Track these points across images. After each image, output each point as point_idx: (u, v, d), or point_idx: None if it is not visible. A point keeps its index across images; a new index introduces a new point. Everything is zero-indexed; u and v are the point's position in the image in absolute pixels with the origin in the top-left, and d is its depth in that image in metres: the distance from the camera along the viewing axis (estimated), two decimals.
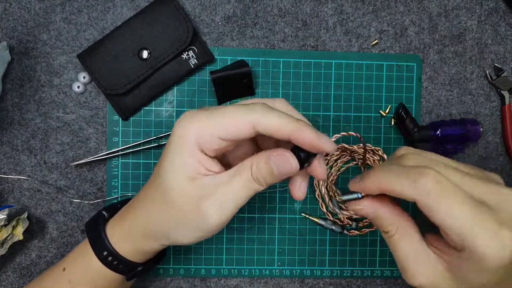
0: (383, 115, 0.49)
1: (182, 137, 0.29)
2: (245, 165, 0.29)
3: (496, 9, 0.50)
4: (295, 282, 0.50)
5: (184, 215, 0.30)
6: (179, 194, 0.30)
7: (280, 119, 0.28)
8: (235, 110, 0.28)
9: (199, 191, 0.29)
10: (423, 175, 0.26)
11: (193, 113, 0.29)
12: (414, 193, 0.26)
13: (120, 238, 0.35)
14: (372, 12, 0.49)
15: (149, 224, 0.33)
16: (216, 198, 0.29)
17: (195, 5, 0.48)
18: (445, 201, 0.25)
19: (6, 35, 0.47)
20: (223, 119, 0.28)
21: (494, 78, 0.50)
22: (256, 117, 0.28)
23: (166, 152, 0.30)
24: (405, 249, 0.29)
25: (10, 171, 0.47)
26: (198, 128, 0.29)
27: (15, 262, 0.48)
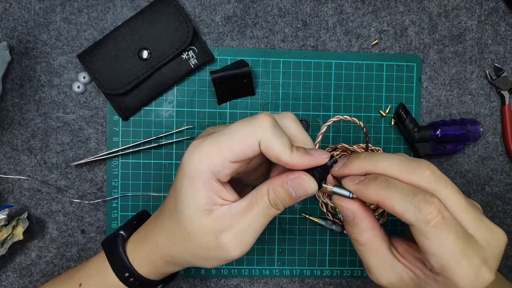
0: (383, 115, 0.49)
1: (195, 170, 0.28)
2: (261, 192, 0.29)
3: (496, 9, 0.50)
4: (295, 282, 0.50)
5: (204, 250, 0.30)
6: (198, 229, 0.29)
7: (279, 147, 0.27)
8: (242, 128, 0.28)
9: (217, 225, 0.29)
10: (427, 203, 0.25)
11: (199, 143, 0.29)
12: (413, 219, 0.26)
13: (142, 262, 0.35)
14: (372, 12, 0.49)
15: (171, 253, 0.33)
16: (236, 231, 0.29)
17: (195, 5, 0.48)
18: (440, 232, 0.25)
19: (6, 35, 0.47)
20: (231, 142, 0.28)
21: (494, 78, 0.50)
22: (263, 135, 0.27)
23: (180, 187, 0.30)
24: (371, 260, 0.30)
25: (10, 171, 0.47)
26: (209, 158, 0.28)
27: (15, 262, 0.48)
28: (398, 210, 0.26)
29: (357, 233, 0.30)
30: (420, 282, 0.28)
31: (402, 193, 0.26)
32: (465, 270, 0.26)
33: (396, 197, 0.26)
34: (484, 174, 0.51)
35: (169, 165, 0.48)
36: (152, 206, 0.48)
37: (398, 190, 0.26)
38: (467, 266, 0.26)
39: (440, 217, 0.25)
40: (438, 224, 0.25)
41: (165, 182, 0.48)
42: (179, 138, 0.48)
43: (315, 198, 0.49)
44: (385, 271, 0.29)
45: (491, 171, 0.51)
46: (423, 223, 0.25)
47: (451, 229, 0.26)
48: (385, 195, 0.27)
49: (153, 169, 0.48)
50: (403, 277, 0.29)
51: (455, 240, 0.25)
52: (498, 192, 0.51)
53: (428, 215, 0.25)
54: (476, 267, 0.26)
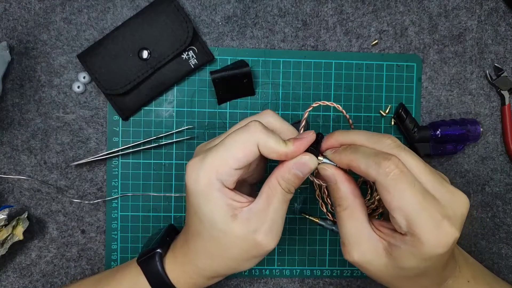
0: (383, 115, 0.49)
1: (206, 187, 0.31)
2: (273, 184, 0.32)
3: (496, 9, 0.50)
4: (295, 282, 0.50)
5: (246, 253, 0.32)
6: (234, 238, 0.31)
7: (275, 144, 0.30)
8: (238, 137, 0.31)
9: (249, 227, 0.31)
10: (387, 159, 0.29)
11: (200, 161, 0.31)
12: (375, 173, 0.29)
13: (182, 280, 0.36)
14: (372, 12, 0.49)
15: (214, 269, 0.34)
16: (268, 226, 0.31)
17: (195, 5, 0.48)
18: (400, 185, 0.28)
19: (6, 35, 0.47)
20: (232, 151, 0.30)
21: (494, 78, 0.50)
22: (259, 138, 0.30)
23: (198, 207, 0.31)
24: (350, 226, 0.32)
25: (10, 171, 0.47)
26: (215, 171, 0.30)
27: (15, 262, 0.48)
28: (363, 168, 0.30)
29: (340, 197, 0.32)
30: (391, 249, 0.30)
31: (366, 155, 0.30)
32: (426, 222, 0.28)
33: (361, 158, 0.30)
34: (484, 174, 0.51)
35: (169, 165, 0.48)
36: (152, 206, 0.48)
37: (363, 153, 0.30)
38: (427, 218, 0.28)
39: (398, 171, 0.28)
40: (396, 177, 0.28)
41: (165, 182, 0.48)
42: (179, 138, 0.48)
43: (315, 198, 0.49)
44: (361, 240, 0.32)
45: (491, 171, 0.51)
46: (383, 176, 0.28)
47: (409, 182, 0.28)
48: (353, 158, 0.31)
49: (153, 169, 0.48)
50: (377, 247, 0.31)
51: (413, 192, 0.28)
52: (498, 192, 0.51)
53: (387, 168, 0.28)
54: (437, 220, 0.28)
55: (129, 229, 0.48)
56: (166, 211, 0.48)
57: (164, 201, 0.48)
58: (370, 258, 0.31)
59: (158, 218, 0.48)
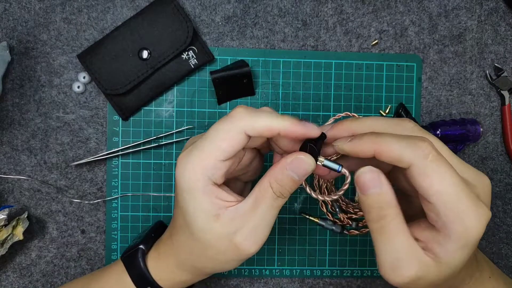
0: (383, 115, 0.49)
1: (190, 182, 0.29)
2: (264, 186, 0.29)
3: (496, 9, 0.50)
4: (295, 282, 0.50)
5: (223, 254, 0.31)
6: (212, 237, 0.30)
7: (267, 118, 0.28)
8: (220, 126, 0.29)
9: (229, 228, 0.29)
10: (422, 141, 0.26)
11: (186, 155, 0.29)
12: (412, 156, 0.26)
13: (164, 276, 0.35)
14: (372, 12, 0.49)
15: (194, 265, 0.34)
16: (248, 230, 0.29)
17: (195, 5, 0.48)
18: (439, 166, 0.26)
19: (6, 35, 0.47)
20: (216, 143, 0.28)
21: (494, 78, 0.50)
22: (244, 124, 0.28)
23: (182, 202, 0.30)
24: (398, 242, 0.27)
25: (10, 171, 0.47)
26: (200, 165, 0.29)
27: (15, 262, 0.48)
28: (396, 152, 0.26)
29: (384, 207, 0.27)
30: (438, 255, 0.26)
31: (396, 138, 0.27)
32: (468, 206, 0.25)
33: (392, 141, 0.26)
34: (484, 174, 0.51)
35: (169, 165, 0.48)
36: (152, 206, 0.48)
37: (391, 136, 0.27)
38: (468, 200, 0.25)
39: (435, 153, 0.26)
40: (435, 158, 0.26)
41: (165, 182, 0.48)
42: (179, 138, 0.48)
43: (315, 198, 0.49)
44: (410, 259, 0.27)
45: (491, 171, 0.51)
46: (422, 158, 0.26)
47: (447, 164, 0.26)
48: (380, 142, 0.27)
49: (153, 169, 0.48)
50: (426, 261, 0.27)
51: (453, 173, 0.26)
52: (498, 192, 0.51)
53: (425, 149, 0.26)
54: (475, 203, 0.26)
55: (129, 229, 0.48)
56: (166, 211, 0.48)
57: (164, 201, 0.48)
58: (421, 275, 0.27)
59: (158, 218, 0.48)
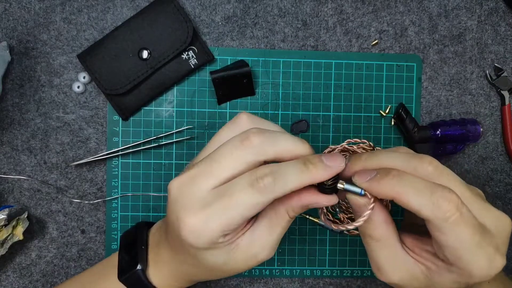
0: (383, 115, 0.49)
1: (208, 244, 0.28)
2: (281, 214, 0.29)
3: (496, 9, 0.50)
4: (295, 282, 0.50)
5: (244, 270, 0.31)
6: (235, 263, 0.30)
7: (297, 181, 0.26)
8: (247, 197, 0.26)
9: (249, 252, 0.29)
10: (446, 201, 0.25)
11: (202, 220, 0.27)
12: (431, 216, 0.25)
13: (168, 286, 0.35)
14: (372, 12, 0.49)
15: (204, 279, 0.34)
16: (268, 249, 0.30)
17: (195, 5, 0.48)
18: (458, 228, 0.25)
19: (6, 35, 0.47)
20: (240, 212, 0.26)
21: (494, 78, 0.50)
22: (274, 196, 0.26)
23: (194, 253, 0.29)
24: (384, 255, 0.29)
25: (10, 171, 0.47)
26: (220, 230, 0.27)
27: (15, 262, 0.48)
28: (414, 206, 0.26)
29: (372, 228, 0.29)
30: (432, 275, 0.28)
31: (418, 189, 0.26)
32: (481, 260, 0.26)
33: (412, 193, 0.26)
34: (484, 174, 0.51)
35: (169, 165, 0.48)
36: (152, 206, 0.48)
37: (413, 185, 0.26)
38: (482, 256, 0.26)
39: (458, 214, 0.25)
40: (456, 220, 0.25)
41: (165, 182, 0.48)
42: (179, 138, 0.48)
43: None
44: (397, 267, 0.29)
45: (491, 171, 0.51)
46: (442, 220, 0.25)
47: (469, 223, 0.25)
48: (400, 191, 0.26)
49: (153, 169, 0.48)
50: (415, 272, 0.29)
51: (472, 234, 0.25)
52: (498, 192, 0.51)
53: (447, 212, 0.25)
54: (490, 256, 0.26)
55: None
56: (166, 211, 0.48)
57: (164, 201, 0.48)
58: (408, 281, 0.29)
59: (158, 218, 0.48)
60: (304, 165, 0.26)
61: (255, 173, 0.27)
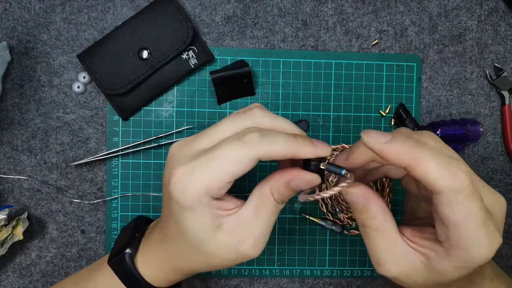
0: (383, 115, 0.49)
1: (193, 201, 0.28)
2: (265, 194, 0.29)
3: (496, 9, 0.50)
4: (295, 282, 0.50)
5: (227, 262, 0.31)
6: (216, 248, 0.30)
7: (283, 145, 0.27)
8: (232, 151, 0.27)
9: (233, 238, 0.29)
10: (463, 171, 0.24)
11: (187, 173, 0.28)
12: (446, 185, 0.24)
13: (158, 281, 0.35)
14: (372, 12, 0.49)
15: (192, 268, 0.33)
16: (254, 238, 0.30)
17: (195, 5, 0.48)
18: (469, 202, 0.24)
19: (6, 35, 0.47)
20: (224, 166, 0.27)
21: (494, 78, 0.50)
22: (259, 152, 0.27)
23: (180, 217, 0.29)
24: (382, 245, 0.29)
25: (10, 171, 0.47)
26: (205, 185, 0.28)
27: (15, 262, 0.48)
28: (432, 174, 0.24)
29: (370, 218, 0.28)
30: (432, 263, 0.27)
31: (436, 157, 0.24)
32: (483, 238, 0.25)
33: (432, 160, 0.24)
34: (484, 174, 0.51)
35: None
36: (152, 206, 0.48)
37: (432, 153, 0.24)
38: (485, 234, 0.25)
39: (472, 187, 0.24)
40: (469, 193, 0.24)
41: None
42: (179, 138, 0.48)
43: None
44: (396, 258, 0.28)
45: (491, 171, 0.51)
46: (456, 192, 0.24)
47: (478, 198, 0.25)
48: (418, 156, 0.24)
49: (153, 169, 0.48)
50: (415, 262, 0.28)
51: (479, 209, 0.25)
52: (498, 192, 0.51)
53: (464, 183, 0.24)
54: (491, 233, 0.25)
55: None
56: None
57: None
58: (407, 272, 0.28)
59: (158, 218, 0.48)
60: (293, 136, 0.28)
61: (244, 130, 0.28)
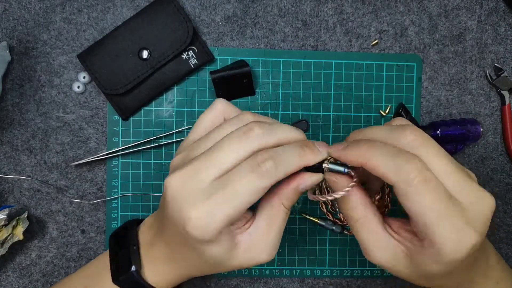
0: (383, 115, 0.49)
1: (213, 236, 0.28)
2: (276, 206, 0.30)
3: (496, 9, 0.50)
4: (295, 282, 0.50)
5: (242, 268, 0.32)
6: (235, 264, 0.30)
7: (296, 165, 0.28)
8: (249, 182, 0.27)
9: (250, 253, 0.30)
10: (409, 163, 0.26)
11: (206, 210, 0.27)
12: (395, 179, 0.26)
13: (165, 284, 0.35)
14: (372, 12, 0.49)
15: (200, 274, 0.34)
16: (269, 248, 0.31)
17: (195, 5, 0.48)
18: (421, 192, 0.26)
19: (6, 35, 0.47)
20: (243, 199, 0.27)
21: (494, 78, 0.50)
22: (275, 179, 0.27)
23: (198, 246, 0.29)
24: (365, 236, 0.30)
25: (10, 171, 0.47)
26: (226, 220, 0.27)
27: (15, 262, 0.48)
28: (381, 170, 0.27)
29: (351, 208, 0.30)
30: (412, 254, 0.29)
31: (384, 154, 0.27)
32: (447, 230, 0.26)
33: (379, 157, 0.27)
34: (484, 174, 0.51)
35: (169, 165, 0.48)
36: (152, 206, 0.48)
37: (381, 151, 0.27)
38: (448, 226, 0.26)
39: (421, 177, 0.25)
40: (419, 184, 0.25)
41: None
42: (179, 138, 0.48)
43: None
44: (380, 248, 0.30)
45: (491, 171, 0.51)
46: (405, 183, 0.26)
47: (432, 189, 0.26)
48: (368, 156, 0.27)
49: (153, 169, 0.48)
50: (397, 253, 0.29)
51: (435, 199, 0.26)
52: (498, 192, 0.51)
53: (410, 174, 0.25)
54: (458, 228, 0.26)
55: None
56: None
57: None
58: (391, 262, 0.30)
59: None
60: (302, 148, 0.29)
61: (255, 158, 0.27)
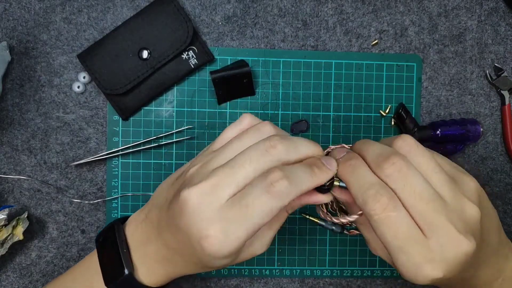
0: (383, 115, 0.49)
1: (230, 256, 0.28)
2: (280, 214, 0.31)
3: (496, 9, 0.50)
4: (295, 282, 0.50)
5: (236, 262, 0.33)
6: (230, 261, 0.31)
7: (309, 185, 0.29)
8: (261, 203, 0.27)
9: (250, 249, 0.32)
10: (374, 200, 0.27)
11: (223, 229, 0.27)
12: (362, 207, 0.28)
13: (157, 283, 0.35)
14: (372, 12, 0.49)
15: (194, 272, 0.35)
16: (266, 243, 0.33)
17: (195, 5, 0.48)
18: (381, 227, 0.27)
19: (6, 35, 0.47)
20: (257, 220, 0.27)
21: (494, 78, 0.50)
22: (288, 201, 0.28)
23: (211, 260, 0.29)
24: (367, 235, 0.34)
25: (10, 171, 0.47)
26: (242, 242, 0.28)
27: (15, 262, 0.48)
28: (353, 195, 0.29)
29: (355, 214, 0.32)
30: None
31: (359, 184, 0.28)
32: (404, 263, 0.27)
33: (354, 186, 0.29)
34: (484, 174, 0.51)
35: (169, 165, 0.48)
36: None
37: (358, 179, 0.29)
38: (405, 261, 0.27)
39: (383, 215, 0.27)
40: (379, 220, 0.27)
41: None
42: (179, 138, 0.48)
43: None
44: (380, 247, 0.33)
45: (491, 171, 0.51)
46: (368, 215, 0.28)
47: (392, 227, 0.27)
48: (348, 180, 0.29)
49: (153, 169, 0.48)
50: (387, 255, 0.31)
51: (393, 238, 0.27)
52: (498, 192, 0.51)
53: (371, 210, 0.27)
54: (414, 264, 0.27)
55: None
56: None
57: None
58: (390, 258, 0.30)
59: None
60: (311, 169, 0.29)
61: (268, 178, 0.27)
